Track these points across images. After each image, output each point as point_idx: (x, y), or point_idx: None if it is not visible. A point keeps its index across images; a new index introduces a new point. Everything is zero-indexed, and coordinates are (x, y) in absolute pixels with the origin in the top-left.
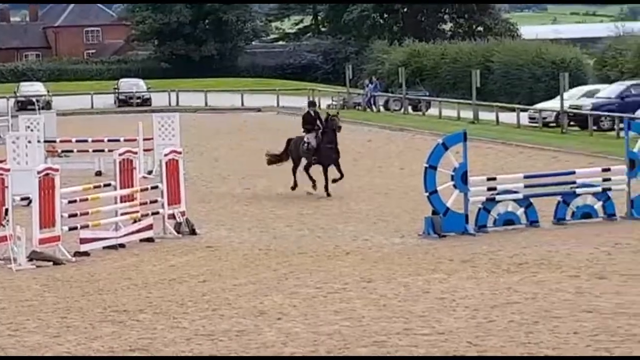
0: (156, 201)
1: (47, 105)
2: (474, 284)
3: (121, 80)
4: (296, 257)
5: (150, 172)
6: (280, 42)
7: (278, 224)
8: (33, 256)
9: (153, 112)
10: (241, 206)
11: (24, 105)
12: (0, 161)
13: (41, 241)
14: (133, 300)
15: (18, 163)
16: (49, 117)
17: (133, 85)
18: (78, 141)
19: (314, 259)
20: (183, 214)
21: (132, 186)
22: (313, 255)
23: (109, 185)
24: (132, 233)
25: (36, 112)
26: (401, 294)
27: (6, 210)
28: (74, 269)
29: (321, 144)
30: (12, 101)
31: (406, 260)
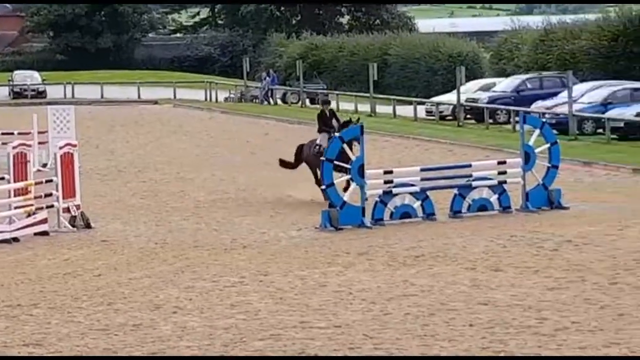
0: (51, 194)
1: None
2: (371, 277)
3: (15, 72)
4: (192, 251)
5: (45, 165)
6: (177, 35)
7: (174, 217)
8: None
9: (48, 105)
10: (137, 199)
11: None
12: None
13: None
14: (27, 294)
15: None
16: None
17: (27, 77)
18: None
19: (211, 253)
20: (78, 208)
21: (26, 179)
22: (209, 248)
23: (2, 178)
24: (26, 227)
25: None
26: (298, 287)
27: None
28: None
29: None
30: None
31: (303, 253)
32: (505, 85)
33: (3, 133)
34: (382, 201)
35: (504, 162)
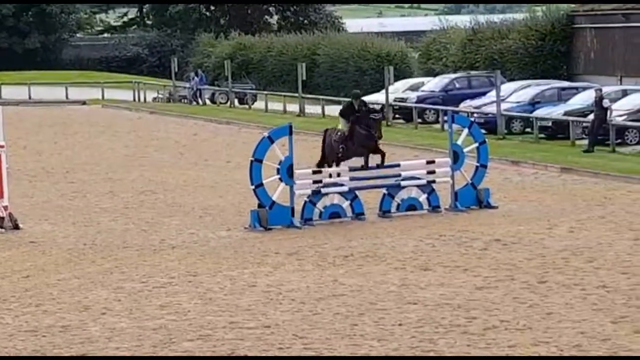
0: None
1: None
2: (300, 277)
3: None
4: (121, 252)
5: None
6: (105, 35)
7: (103, 218)
8: None
9: None
10: (65, 200)
11: None
12: None
13: None
14: None
15: None
16: None
17: None
18: None
19: (140, 253)
20: (6, 209)
21: None
22: (138, 249)
23: None
24: None
25: None
26: (227, 288)
27: None
28: None
29: (355, 130)
30: None
31: (232, 253)
32: (433, 84)
33: None
34: (311, 201)
35: (433, 162)
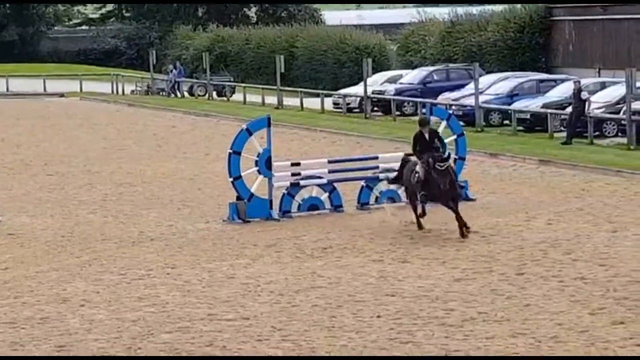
0: None
1: None
2: (279, 269)
3: None
4: (100, 244)
5: None
6: (83, 27)
7: (81, 211)
8: None
9: None
10: (44, 192)
11: None
12: None
13: None
14: None
15: None
16: None
17: None
18: None
19: (118, 246)
20: None
21: None
22: (117, 241)
23: None
24: None
25: None
26: (205, 280)
27: None
28: None
29: (430, 170)
30: None
31: (211, 245)
32: (412, 77)
33: None
34: (290, 193)
35: (409, 155)
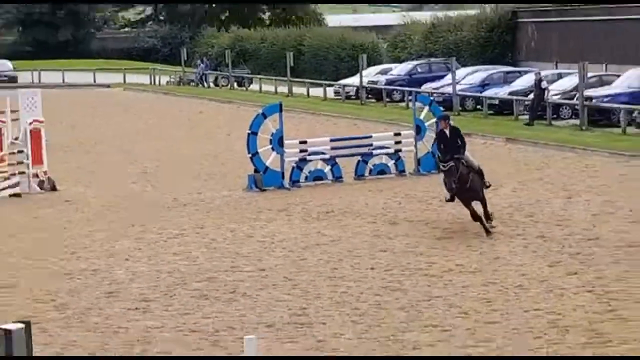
0: (22, 162)
1: None
2: (289, 229)
3: None
4: (141, 208)
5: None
6: (125, 29)
7: (125, 181)
8: None
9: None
10: (94, 166)
11: None
12: None
13: None
14: (3, 246)
15: None
16: None
17: (1, 65)
18: None
19: (156, 210)
20: (45, 173)
21: (1, 150)
22: (155, 206)
23: None
24: (2, 189)
25: None
26: (229, 238)
27: None
28: None
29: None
30: None
31: (233, 210)
32: (399, 69)
33: None
34: (298, 166)
35: (399, 134)
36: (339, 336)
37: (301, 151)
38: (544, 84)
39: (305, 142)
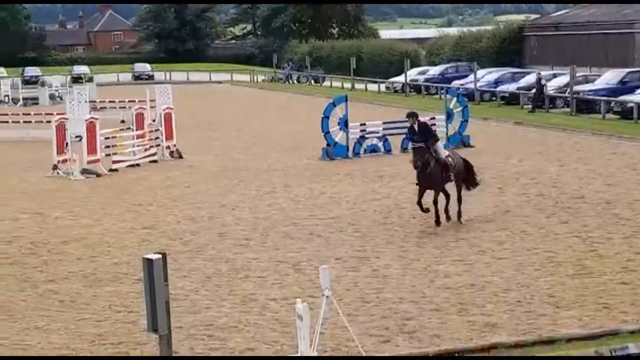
0: (158, 137)
1: (90, 79)
2: (352, 188)
3: (135, 64)
4: (244, 172)
5: (154, 120)
6: (233, 41)
7: (233, 152)
8: (83, 171)
9: (155, 84)
10: (210, 141)
11: (76, 79)
12: (61, 114)
13: (88, 162)
14: (144, 198)
15: (73, 114)
16: (91, 87)
17: (143, 67)
18: (110, 101)
19: (255, 173)
20: (175, 146)
21: (143, 128)
22: (254, 171)
23: (129, 128)
24: (144, 157)
25: (84, 84)
26: (308, 194)
27: (67, 143)
28: (109, 179)
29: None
30: (69, 77)
31: (310, 174)
32: (434, 71)
33: (129, 101)
34: (359, 142)
35: (434, 118)
36: (389, 267)
37: (361, 131)
38: (543, 82)
39: (364, 124)
